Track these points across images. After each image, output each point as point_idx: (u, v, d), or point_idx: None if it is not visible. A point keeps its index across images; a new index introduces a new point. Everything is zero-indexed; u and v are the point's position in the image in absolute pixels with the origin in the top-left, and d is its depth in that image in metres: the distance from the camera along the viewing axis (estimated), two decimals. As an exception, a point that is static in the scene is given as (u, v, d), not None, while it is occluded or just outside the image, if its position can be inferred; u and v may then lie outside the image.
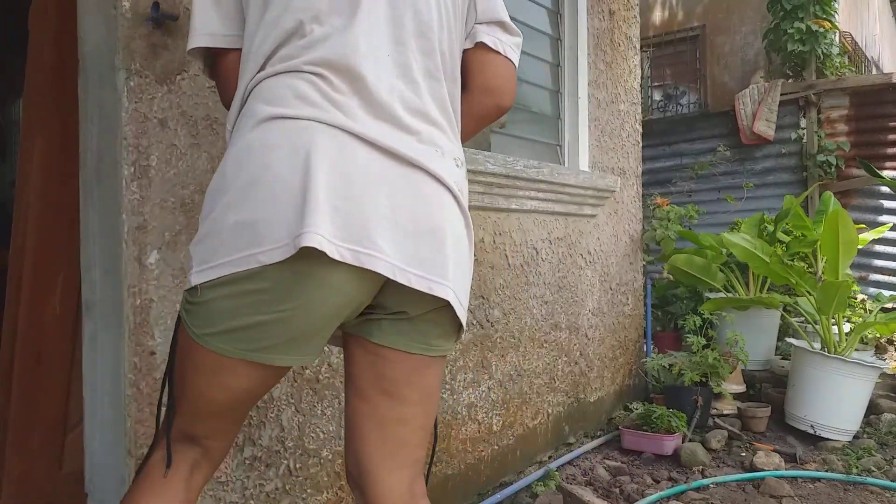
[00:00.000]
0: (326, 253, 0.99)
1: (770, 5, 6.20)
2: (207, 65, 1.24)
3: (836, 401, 3.26)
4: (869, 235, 4.45)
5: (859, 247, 3.75)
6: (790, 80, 6.12)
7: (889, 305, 4.80)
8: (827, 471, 2.92)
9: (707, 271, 3.94)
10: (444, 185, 1.12)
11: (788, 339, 3.78)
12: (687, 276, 3.98)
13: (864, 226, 4.52)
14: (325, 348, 1.95)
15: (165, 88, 1.60)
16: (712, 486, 2.76)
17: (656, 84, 7.59)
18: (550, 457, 3.02)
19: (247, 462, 1.76)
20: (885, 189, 5.52)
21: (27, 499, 1.61)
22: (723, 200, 5.57)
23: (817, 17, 5.99)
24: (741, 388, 3.82)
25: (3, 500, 1.56)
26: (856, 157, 5.65)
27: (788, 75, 6.20)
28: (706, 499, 2.60)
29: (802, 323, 3.87)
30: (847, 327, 3.65)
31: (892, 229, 4.97)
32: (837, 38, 6.46)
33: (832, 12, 6.13)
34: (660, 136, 6.49)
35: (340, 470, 2.00)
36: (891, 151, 5.72)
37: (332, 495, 1.98)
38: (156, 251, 1.58)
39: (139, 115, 1.55)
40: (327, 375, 1.97)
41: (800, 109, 6.00)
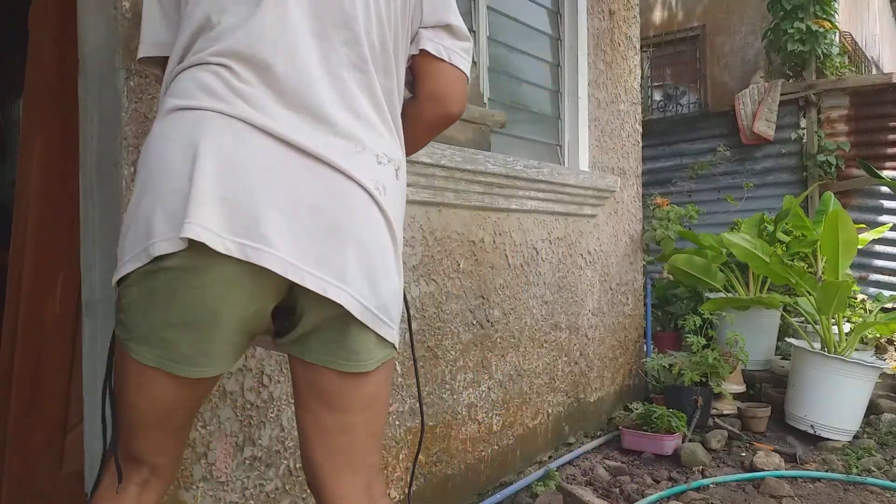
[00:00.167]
0: (209, 245, 0.96)
1: (770, 5, 6.21)
2: (162, 72, 1.22)
3: (836, 401, 3.26)
4: (869, 235, 4.45)
5: (859, 247, 3.75)
6: (790, 80, 6.12)
7: (889, 305, 4.80)
8: (827, 471, 2.92)
9: (707, 271, 3.94)
10: (356, 181, 1.06)
11: (788, 339, 3.78)
12: (687, 276, 3.99)
13: (864, 226, 4.52)
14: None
15: (165, 88, 1.60)
16: (712, 486, 2.76)
17: (656, 84, 7.59)
18: (550, 457, 3.02)
19: (247, 462, 1.76)
20: (885, 189, 5.52)
21: (27, 499, 1.61)
22: (723, 200, 5.56)
23: (817, 17, 5.99)
24: (741, 388, 3.82)
25: (3, 500, 1.56)
26: (856, 157, 5.65)
27: (788, 75, 6.20)
28: (706, 499, 2.60)
29: (802, 323, 3.87)
30: (847, 327, 3.65)
31: (892, 229, 4.97)
32: (837, 38, 6.46)
33: (832, 12, 6.13)
34: (660, 136, 6.49)
35: (340, 470, 2.00)
36: (891, 151, 5.72)
37: (332, 495, 1.98)
38: (156, 251, 1.57)
39: (139, 115, 1.55)
40: (327, 375, 1.97)
41: (800, 109, 6.00)
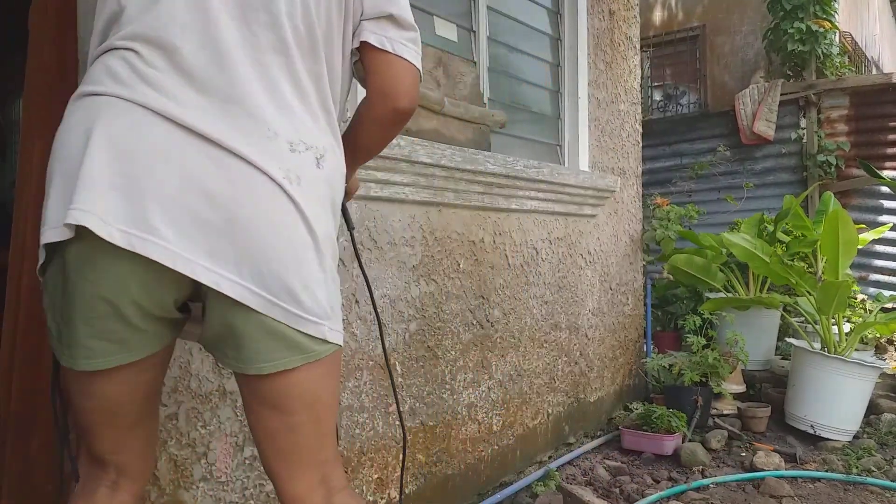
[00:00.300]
0: (93, 230, 0.93)
1: (770, 5, 6.21)
2: None
3: (836, 401, 3.26)
4: (869, 235, 4.45)
5: (859, 247, 3.75)
6: (790, 80, 6.12)
7: (889, 305, 4.80)
8: (827, 471, 2.92)
9: (707, 271, 3.94)
10: (262, 170, 1.01)
11: (788, 339, 3.78)
12: (687, 276, 3.99)
13: (864, 226, 4.53)
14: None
15: (165, 88, 1.59)
16: (712, 486, 2.76)
17: (656, 84, 7.59)
18: (550, 457, 3.02)
19: (247, 462, 1.75)
20: (885, 189, 5.52)
21: (27, 499, 1.61)
22: (723, 200, 5.57)
23: (817, 17, 5.99)
24: (741, 388, 3.82)
25: (4, 500, 1.56)
26: (856, 157, 5.65)
27: (788, 75, 6.20)
28: (706, 499, 2.61)
29: (802, 323, 3.87)
30: (847, 327, 3.65)
31: (892, 229, 4.98)
32: (837, 38, 6.46)
33: (832, 12, 6.14)
34: (660, 136, 6.49)
35: (340, 470, 2.00)
36: (891, 151, 5.72)
37: (332, 495, 1.98)
38: (156, 251, 1.57)
39: (139, 115, 1.55)
40: (327, 375, 1.97)
41: (800, 109, 6.00)
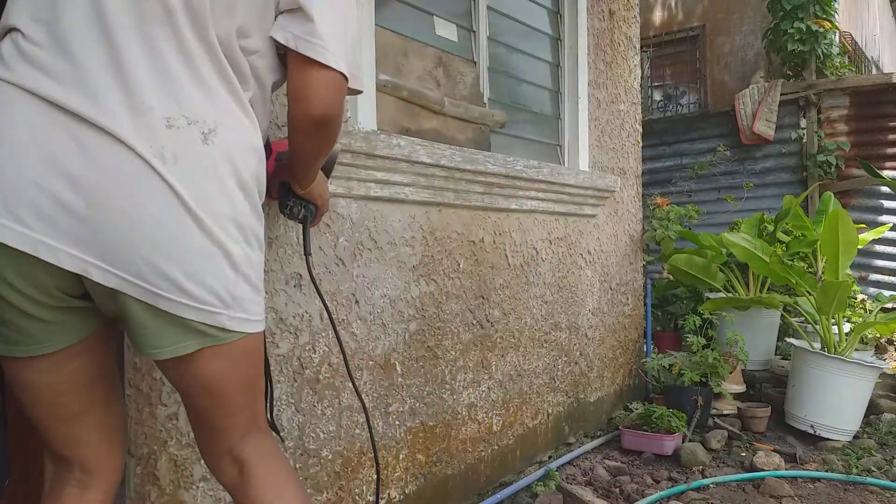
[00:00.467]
0: None
1: (770, 5, 6.21)
2: None
3: (836, 401, 3.26)
4: (869, 235, 4.45)
5: (859, 247, 3.76)
6: (790, 80, 6.12)
7: (889, 305, 4.80)
8: (827, 471, 2.92)
9: (707, 271, 3.94)
10: (129, 147, 0.95)
11: (788, 339, 3.78)
12: (687, 276, 3.99)
13: (864, 226, 4.53)
14: (326, 347, 1.95)
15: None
16: (712, 486, 2.76)
17: (656, 84, 7.60)
18: (550, 457, 3.02)
19: (247, 462, 1.75)
20: (885, 189, 5.52)
21: (27, 499, 1.61)
22: (723, 200, 5.57)
23: (817, 17, 5.99)
24: (741, 388, 3.82)
25: (3, 500, 1.56)
26: (856, 157, 5.65)
27: (788, 75, 6.21)
28: (706, 499, 2.61)
29: (802, 323, 3.87)
30: (847, 327, 3.65)
31: (892, 229, 4.98)
32: (837, 38, 6.46)
33: (832, 12, 6.14)
34: (660, 136, 6.50)
35: (340, 470, 2.00)
36: (891, 151, 5.72)
37: (332, 495, 1.98)
38: (156, 251, 1.57)
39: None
40: (327, 375, 1.97)
41: (800, 109, 6.00)
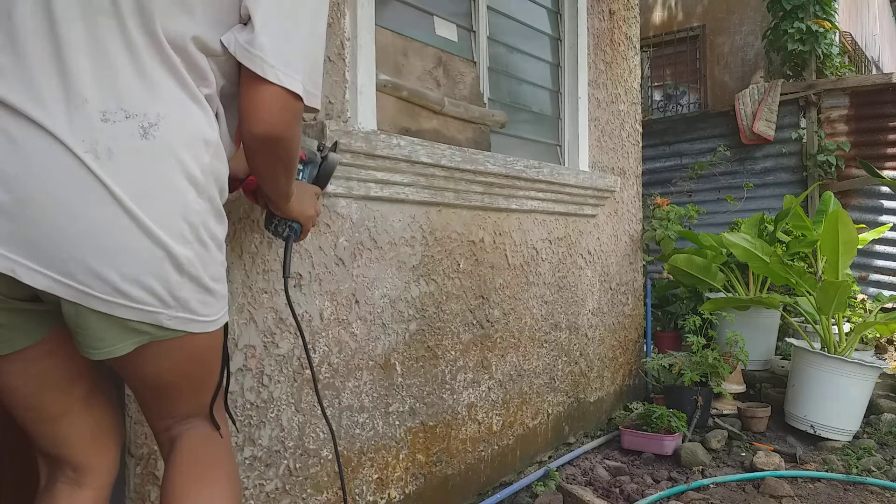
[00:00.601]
0: None
1: (770, 5, 6.21)
2: None
3: (836, 401, 3.26)
4: (869, 235, 4.45)
5: (859, 247, 3.76)
6: (790, 80, 6.12)
7: (889, 305, 4.80)
8: (827, 471, 2.92)
9: (707, 271, 3.94)
10: (61, 142, 0.92)
11: (788, 339, 3.78)
12: (687, 276, 3.99)
13: (864, 226, 4.53)
14: (325, 347, 1.95)
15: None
16: (712, 486, 2.76)
17: (656, 84, 7.60)
18: (550, 457, 3.02)
19: (247, 462, 1.76)
20: (885, 189, 5.52)
21: (27, 499, 1.61)
22: (723, 200, 5.57)
23: (817, 17, 6.00)
24: (741, 388, 3.82)
25: (4, 500, 1.56)
26: (856, 157, 5.66)
27: (788, 75, 6.21)
28: (706, 499, 2.61)
29: (802, 323, 3.87)
30: (847, 327, 3.65)
31: (892, 229, 4.98)
32: (837, 38, 6.47)
33: (832, 12, 6.14)
34: (660, 136, 6.50)
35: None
36: (891, 151, 5.73)
37: (333, 495, 1.98)
38: (156, 251, 1.57)
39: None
40: (328, 375, 1.97)
41: (800, 109, 6.00)
